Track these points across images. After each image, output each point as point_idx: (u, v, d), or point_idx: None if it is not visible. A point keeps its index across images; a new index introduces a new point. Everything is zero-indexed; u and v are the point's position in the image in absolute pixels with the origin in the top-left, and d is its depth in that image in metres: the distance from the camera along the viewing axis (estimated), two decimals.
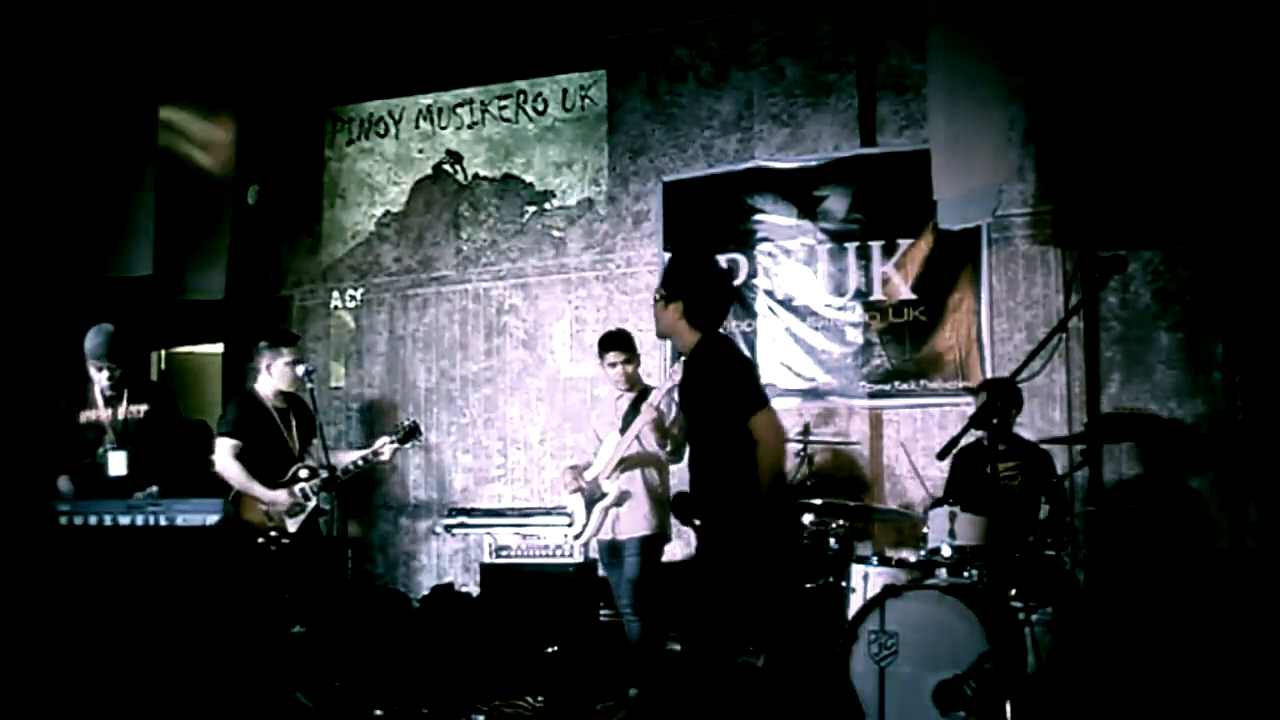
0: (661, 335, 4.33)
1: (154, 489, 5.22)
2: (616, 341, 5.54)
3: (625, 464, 5.35)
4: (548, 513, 6.08)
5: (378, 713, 5.02)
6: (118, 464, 5.29)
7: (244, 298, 7.42)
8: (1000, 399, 5.12)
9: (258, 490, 5.37)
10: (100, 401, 5.35)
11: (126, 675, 4.23)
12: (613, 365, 5.49)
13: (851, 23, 6.49)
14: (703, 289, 4.05)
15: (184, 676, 4.26)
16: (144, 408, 5.40)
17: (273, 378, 5.54)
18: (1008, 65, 5.63)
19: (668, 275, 4.20)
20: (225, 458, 5.42)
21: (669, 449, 5.36)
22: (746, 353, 6.52)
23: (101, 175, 6.82)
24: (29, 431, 5.70)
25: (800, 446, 5.69)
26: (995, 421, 5.20)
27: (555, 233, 7.16)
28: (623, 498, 5.36)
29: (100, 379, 5.30)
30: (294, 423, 5.58)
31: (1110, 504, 5.73)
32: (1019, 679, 4.12)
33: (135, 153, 6.93)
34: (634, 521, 5.39)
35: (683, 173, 6.83)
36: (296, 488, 5.44)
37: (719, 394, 3.92)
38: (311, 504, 5.44)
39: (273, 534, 5.32)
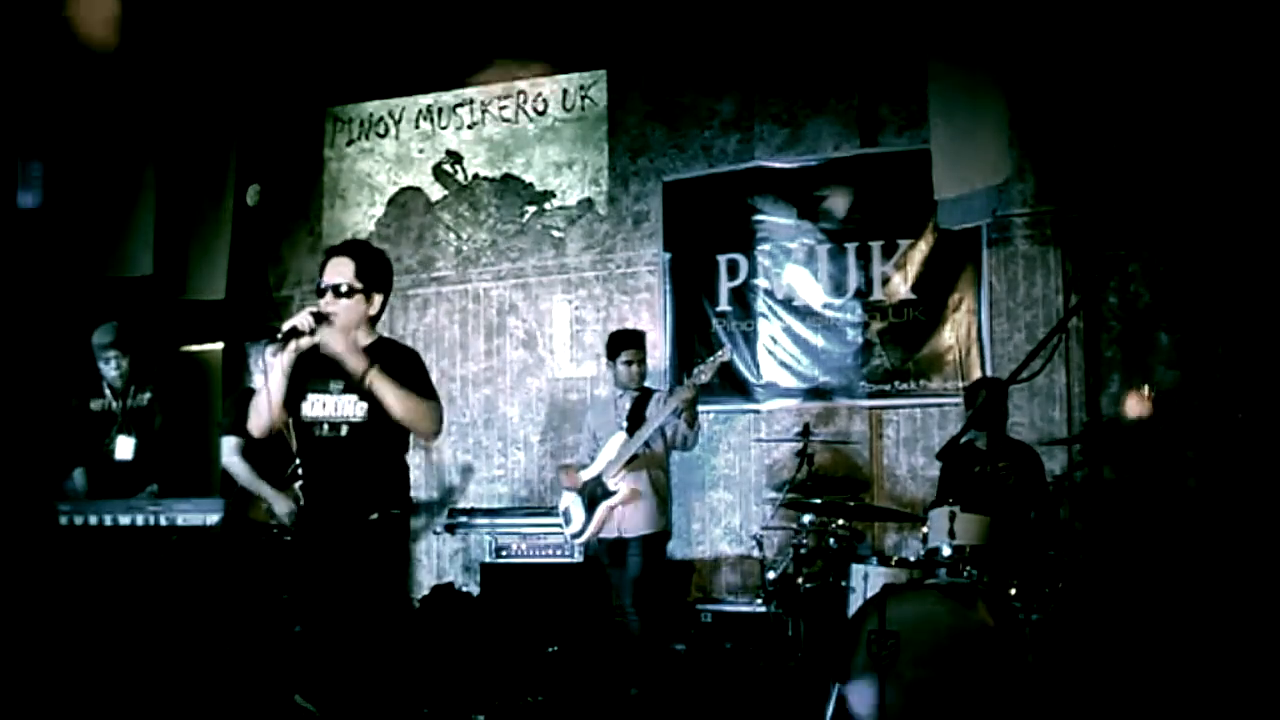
0: (343, 329, 3.60)
1: (154, 487, 5.25)
2: (633, 339, 5.56)
3: (635, 463, 5.35)
4: (548, 513, 6.07)
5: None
6: (124, 449, 5.37)
7: (244, 298, 7.42)
8: (999, 397, 5.13)
9: (264, 488, 5.38)
10: (109, 391, 5.43)
11: (127, 675, 4.23)
12: (628, 363, 5.49)
13: (852, 22, 6.49)
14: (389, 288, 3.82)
15: (184, 676, 4.26)
16: (148, 395, 5.47)
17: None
18: (1007, 65, 5.63)
19: (368, 270, 3.68)
20: (230, 455, 5.43)
21: (694, 430, 5.36)
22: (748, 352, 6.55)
23: (103, 176, 6.83)
24: (39, 428, 5.75)
25: (800, 446, 5.69)
26: (993, 421, 5.22)
27: (555, 233, 7.16)
28: (632, 496, 5.36)
29: (108, 371, 5.36)
30: None
31: (1110, 504, 5.73)
32: (1019, 678, 4.12)
33: (136, 154, 6.94)
34: (639, 520, 5.39)
35: (683, 173, 6.83)
36: (299, 485, 5.44)
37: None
38: None
39: (275, 532, 5.32)
